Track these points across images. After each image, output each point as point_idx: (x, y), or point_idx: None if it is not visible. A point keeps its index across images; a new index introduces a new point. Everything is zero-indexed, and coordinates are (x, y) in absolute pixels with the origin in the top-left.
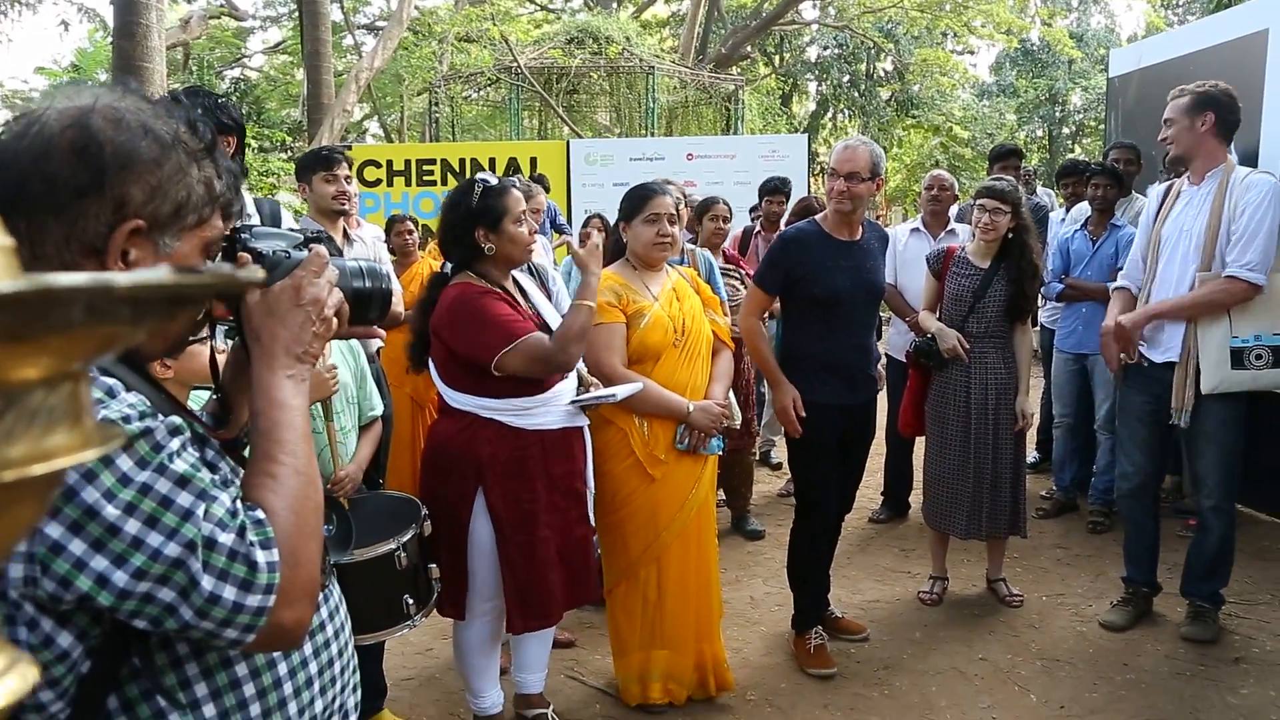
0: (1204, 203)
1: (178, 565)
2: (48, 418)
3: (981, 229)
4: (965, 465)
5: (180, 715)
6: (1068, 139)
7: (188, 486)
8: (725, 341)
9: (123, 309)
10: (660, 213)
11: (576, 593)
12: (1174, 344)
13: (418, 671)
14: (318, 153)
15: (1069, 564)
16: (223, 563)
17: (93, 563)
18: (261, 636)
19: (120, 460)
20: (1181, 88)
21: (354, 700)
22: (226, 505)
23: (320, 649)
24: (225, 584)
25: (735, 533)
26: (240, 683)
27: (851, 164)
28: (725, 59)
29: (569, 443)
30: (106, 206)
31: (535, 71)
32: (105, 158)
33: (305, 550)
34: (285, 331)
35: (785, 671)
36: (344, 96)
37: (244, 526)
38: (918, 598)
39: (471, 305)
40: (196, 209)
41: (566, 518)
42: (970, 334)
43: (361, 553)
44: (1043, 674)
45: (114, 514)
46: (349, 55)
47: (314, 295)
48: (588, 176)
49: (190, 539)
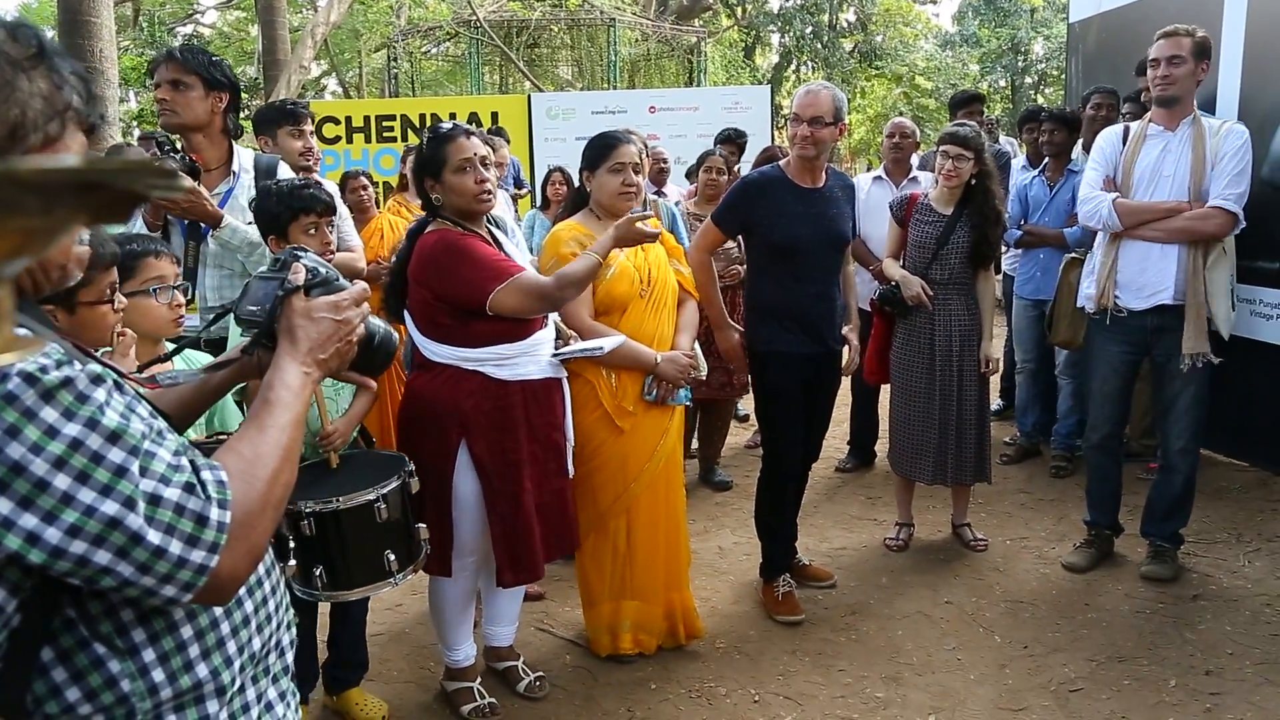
0: (1183, 147)
1: (114, 524)
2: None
3: (944, 175)
4: (930, 412)
5: (119, 661)
6: (1030, 88)
7: (119, 442)
8: (690, 291)
9: (30, 197)
10: (625, 162)
11: (555, 545)
12: (1163, 288)
13: (387, 627)
14: (281, 106)
15: (1032, 508)
16: (169, 517)
17: (21, 520)
18: (198, 594)
19: (44, 413)
20: (1177, 26)
21: (289, 637)
22: (167, 460)
23: (253, 587)
24: (172, 538)
25: (703, 484)
26: (177, 625)
27: (814, 108)
28: (687, 11)
29: (550, 393)
30: None
31: (495, 25)
32: None
33: (263, 518)
34: (317, 333)
35: (754, 619)
36: (300, 52)
37: (192, 483)
38: (884, 544)
39: (456, 247)
40: (38, 127)
41: (545, 469)
42: (934, 281)
43: (340, 501)
44: (1007, 615)
45: (43, 468)
46: (304, 10)
47: (348, 317)
48: (550, 130)
49: (128, 495)
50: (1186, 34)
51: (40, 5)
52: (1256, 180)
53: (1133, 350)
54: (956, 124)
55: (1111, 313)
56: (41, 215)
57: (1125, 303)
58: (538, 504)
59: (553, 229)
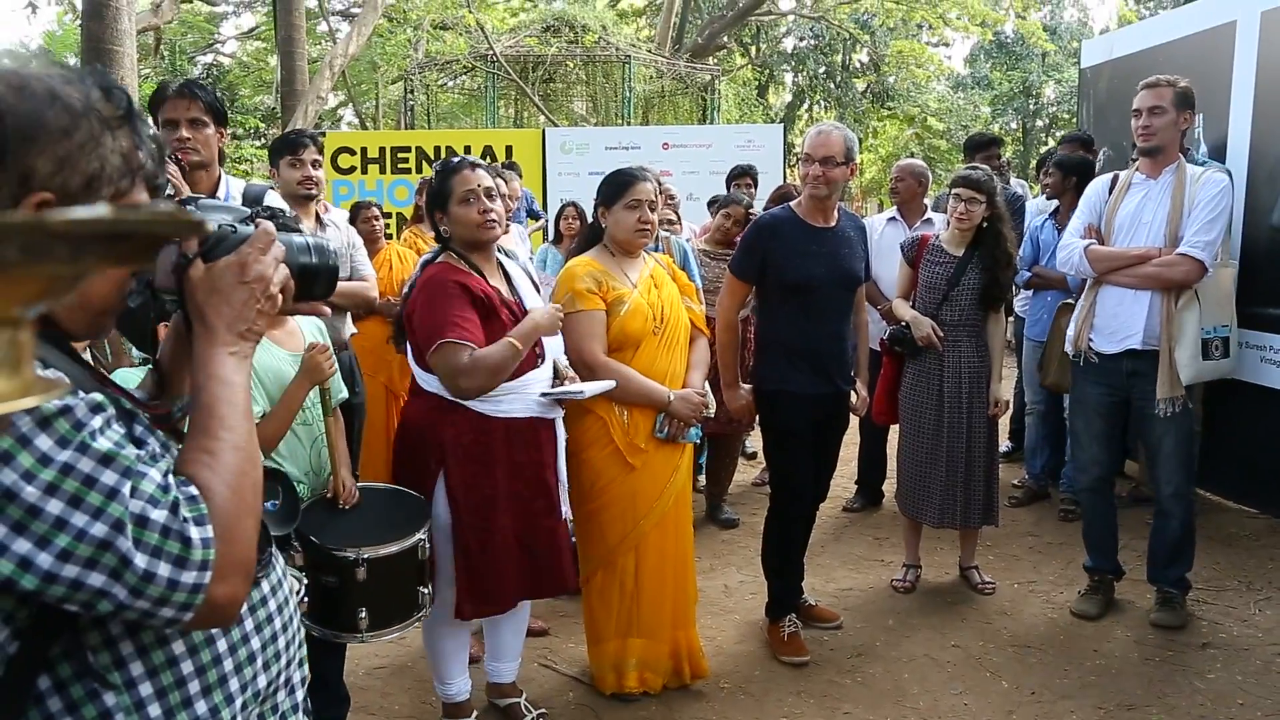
0: (1163, 195)
1: (105, 546)
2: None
3: (956, 217)
4: (938, 453)
5: (115, 695)
6: (1041, 131)
7: (111, 464)
8: (701, 329)
9: (59, 246)
10: (641, 199)
11: (543, 584)
12: (1132, 332)
13: (390, 660)
14: (285, 137)
15: (1040, 552)
16: (156, 540)
17: (14, 546)
18: (198, 614)
19: (39, 440)
20: (1159, 77)
21: (300, 675)
22: (157, 481)
23: (262, 624)
24: (160, 561)
25: (710, 521)
26: (177, 660)
27: (826, 148)
28: (701, 49)
29: (535, 432)
30: (11, 179)
31: (511, 60)
32: (6, 128)
33: (241, 527)
34: (229, 308)
35: (759, 659)
36: (318, 83)
37: (176, 502)
38: (891, 585)
39: (434, 288)
40: (112, 181)
41: (531, 508)
42: (944, 322)
43: (389, 546)
44: (1014, 660)
45: (34, 495)
46: (323, 42)
47: (259, 272)
48: (563, 165)
49: (118, 518)
50: (1168, 84)
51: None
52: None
53: (1111, 393)
54: (969, 167)
55: (1085, 356)
56: (69, 263)
57: (1098, 346)
58: (522, 542)
59: (566, 264)
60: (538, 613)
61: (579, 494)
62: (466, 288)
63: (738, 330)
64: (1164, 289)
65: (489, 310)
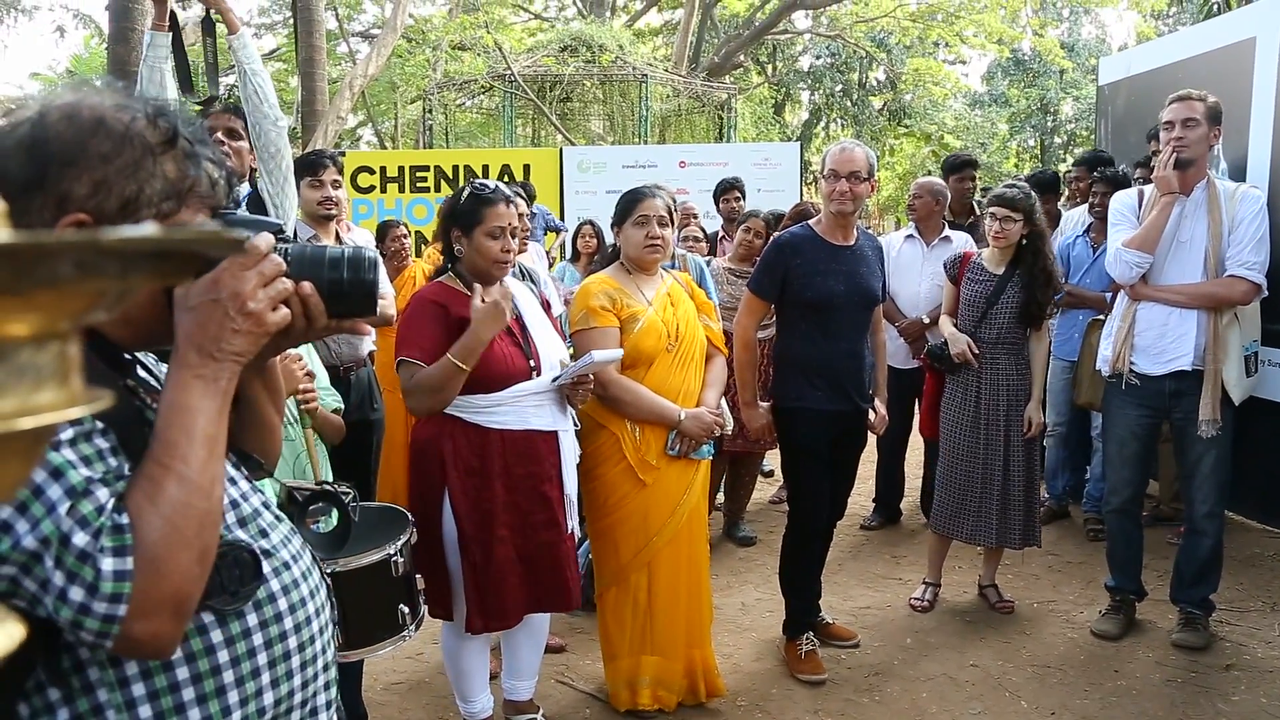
0: (1197, 212)
1: (35, 558)
2: (36, 375)
3: (993, 236)
4: (973, 471)
5: (108, 691)
6: (1059, 148)
7: (60, 479)
8: (719, 347)
9: (110, 263)
10: (649, 215)
11: (544, 598)
12: (1181, 354)
13: (407, 676)
14: (305, 157)
15: (1060, 571)
16: (72, 563)
17: None
18: (117, 644)
19: None
20: (1189, 91)
21: (325, 698)
22: (99, 503)
23: (273, 641)
24: (73, 585)
25: (727, 539)
26: (173, 664)
27: (850, 164)
28: (718, 68)
29: (533, 445)
30: (50, 202)
31: (529, 79)
32: (50, 153)
33: (173, 561)
34: (197, 328)
35: (776, 677)
36: (338, 103)
37: (101, 528)
38: (909, 604)
39: (413, 306)
40: (153, 203)
41: (530, 521)
42: (982, 340)
43: (356, 559)
44: (1034, 680)
45: None
46: (343, 63)
47: (234, 289)
48: (580, 184)
49: (46, 535)
50: (1199, 98)
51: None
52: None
53: (1151, 414)
54: (1006, 185)
55: (1126, 378)
56: (118, 279)
57: (1141, 368)
58: (522, 555)
59: (583, 282)
60: (555, 629)
61: (592, 510)
62: (444, 308)
63: (756, 348)
64: (1213, 309)
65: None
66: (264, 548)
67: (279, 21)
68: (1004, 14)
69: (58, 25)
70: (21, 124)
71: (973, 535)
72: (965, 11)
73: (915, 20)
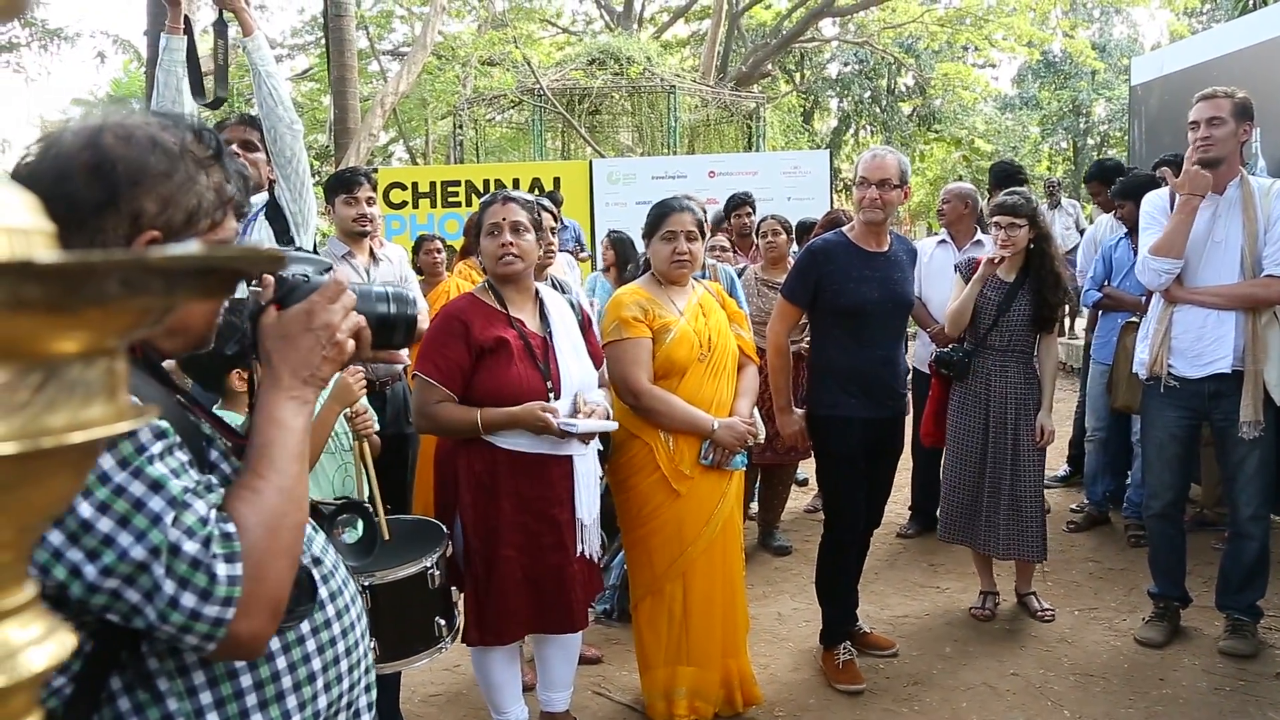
0: (1231, 210)
1: (143, 568)
2: (85, 390)
3: (1001, 245)
4: (981, 479)
5: (178, 700)
6: (1093, 150)
7: (160, 491)
8: (750, 356)
9: (155, 281)
10: (676, 229)
11: (549, 620)
12: (1220, 355)
13: (444, 688)
14: (340, 175)
15: (1101, 578)
16: (184, 570)
17: (69, 554)
18: (220, 647)
19: (102, 459)
20: (1215, 89)
21: (367, 700)
22: (200, 514)
23: (325, 646)
24: (185, 591)
25: (762, 549)
26: (237, 673)
27: (882, 171)
28: (746, 77)
29: (545, 468)
30: (123, 221)
31: (558, 93)
32: (118, 174)
33: (273, 567)
34: (295, 354)
35: (813, 687)
36: (370, 121)
37: (210, 537)
38: (970, 613)
39: (438, 319)
40: (209, 214)
41: (539, 542)
42: (992, 347)
43: (394, 572)
44: (1076, 689)
45: (88, 511)
46: (374, 81)
47: (326, 320)
48: (610, 195)
49: (156, 544)
50: (1226, 95)
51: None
52: None
53: (1190, 416)
54: (1007, 193)
55: (1164, 381)
56: (163, 296)
57: (1179, 371)
58: (528, 575)
59: (615, 293)
60: (591, 640)
61: (627, 520)
62: (467, 328)
63: (789, 353)
64: (1252, 309)
65: (490, 350)
66: (314, 555)
67: (311, 42)
68: (1033, 16)
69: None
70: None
71: (985, 544)
72: (994, 15)
73: (943, 25)
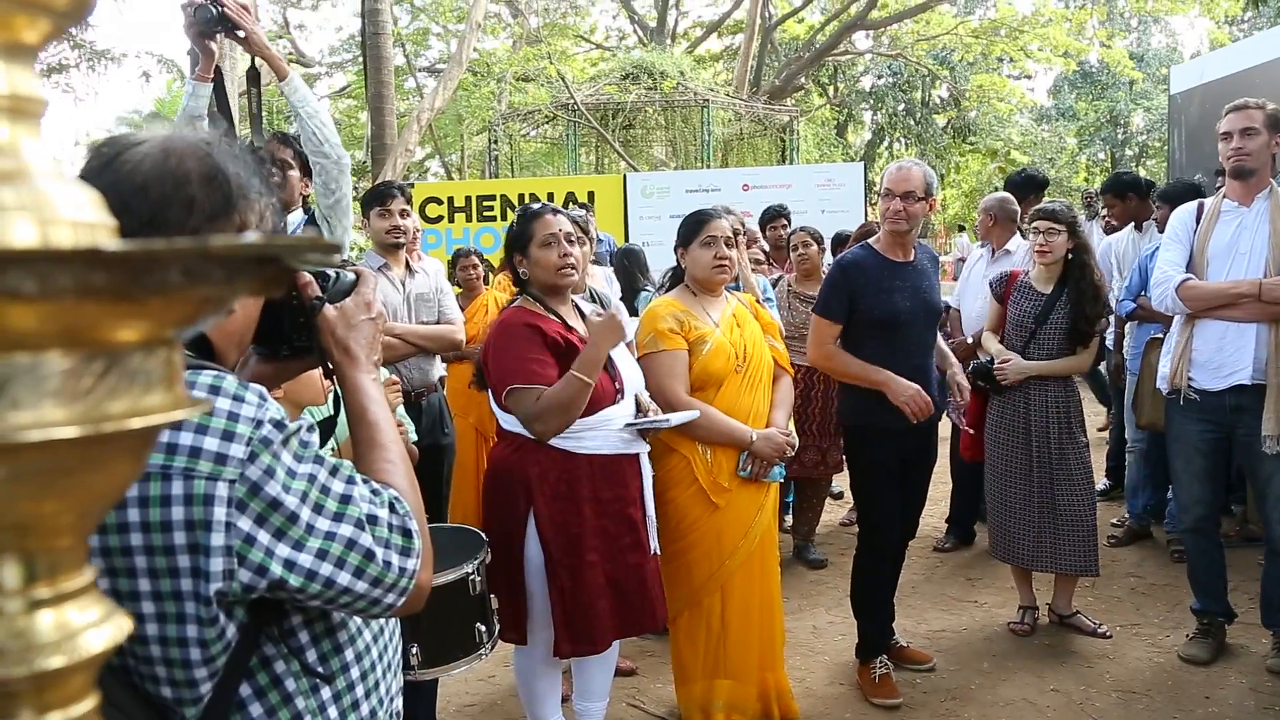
0: (1259, 222)
1: (351, 544)
2: (145, 379)
3: (1038, 249)
4: (1029, 494)
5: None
6: (1130, 161)
7: (337, 474)
8: (785, 367)
9: (216, 270)
10: (717, 235)
11: (630, 621)
12: (1239, 367)
13: (480, 699)
14: (375, 189)
15: (1144, 593)
16: (385, 534)
17: (278, 550)
18: (409, 598)
19: (284, 456)
20: (1246, 100)
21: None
22: (370, 486)
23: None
24: (392, 552)
25: (797, 562)
26: (348, 666)
27: (906, 184)
28: (779, 90)
29: (620, 469)
30: (232, 230)
31: (591, 108)
32: (231, 187)
33: (422, 522)
34: (364, 339)
35: (850, 701)
36: (406, 137)
37: (391, 502)
38: (1009, 629)
39: (505, 332)
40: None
41: (619, 544)
42: (1031, 360)
43: (435, 578)
44: (1119, 706)
45: (293, 503)
46: (411, 97)
47: (379, 310)
48: (644, 209)
49: (358, 518)
50: (1257, 106)
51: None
52: None
53: (1213, 428)
54: (1049, 200)
55: (1185, 394)
56: (223, 286)
57: (1200, 384)
58: (610, 579)
59: (650, 304)
60: (626, 652)
61: (665, 534)
62: (539, 329)
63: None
64: (1274, 321)
65: (564, 351)
66: None
67: (349, 59)
68: (1069, 27)
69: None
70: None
71: (1032, 560)
72: (1029, 26)
73: (977, 36)
